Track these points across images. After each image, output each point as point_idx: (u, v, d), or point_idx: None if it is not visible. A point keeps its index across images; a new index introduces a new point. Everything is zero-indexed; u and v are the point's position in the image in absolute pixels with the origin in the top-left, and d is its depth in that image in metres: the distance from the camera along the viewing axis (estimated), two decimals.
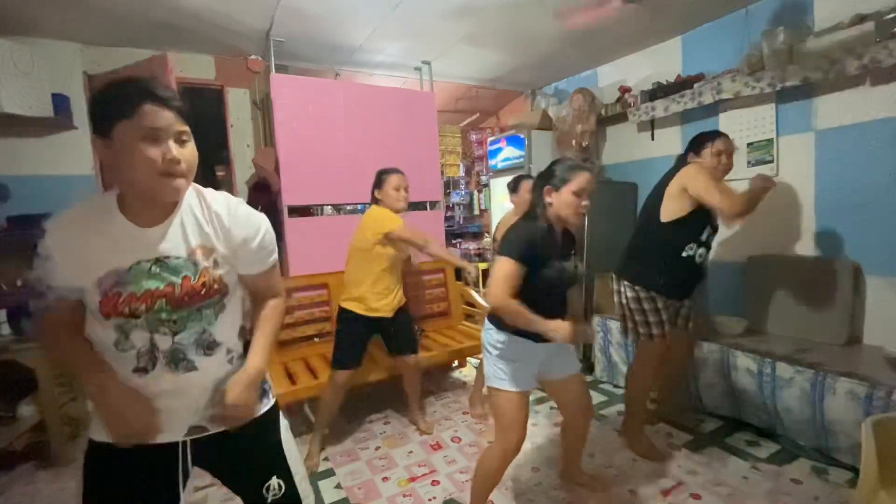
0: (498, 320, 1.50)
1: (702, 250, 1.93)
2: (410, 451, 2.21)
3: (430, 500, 1.84)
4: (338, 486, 1.95)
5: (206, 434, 0.96)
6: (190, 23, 2.44)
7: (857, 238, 2.16)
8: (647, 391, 2.10)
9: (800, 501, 1.71)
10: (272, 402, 1.06)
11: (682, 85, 2.73)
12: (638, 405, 2.11)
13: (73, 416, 2.49)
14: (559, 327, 1.35)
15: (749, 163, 2.54)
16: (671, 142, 2.97)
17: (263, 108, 3.14)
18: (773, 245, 2.45)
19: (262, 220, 0.98)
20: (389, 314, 2.17)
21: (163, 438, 0.92)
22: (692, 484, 1.85)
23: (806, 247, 2.35)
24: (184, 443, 0.95)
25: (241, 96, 3.12)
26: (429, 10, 2.43)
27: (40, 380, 2.12)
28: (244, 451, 1.00)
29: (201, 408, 0.94)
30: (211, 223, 0.91)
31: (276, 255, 1.03)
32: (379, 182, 2.17)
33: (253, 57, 2.95)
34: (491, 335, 1.51)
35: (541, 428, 2.36)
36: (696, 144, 1.98)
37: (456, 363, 3.26)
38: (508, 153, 3.74)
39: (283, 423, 1.08)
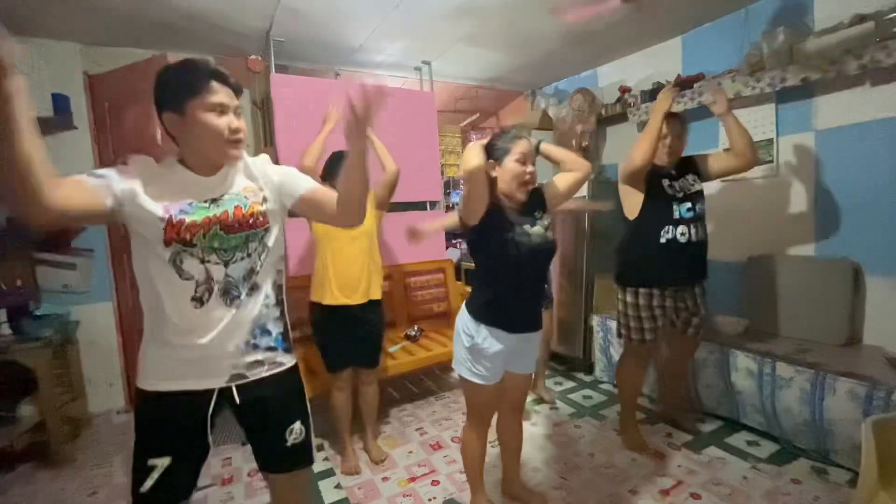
0: (473, 305, 1.49)
1: (682, 228, 1.90)
2: (410, 451, 2.21)
3: (430, 500, 1.84)
4: (338, 487, 1.95)
5: (244, 381, 1.04)
6: (190, 23, 2.44)
7: (857, 238, 2.16)
8: (635, 388, 2.13)
9: (800, 501, 1.71)
10: (295, 360, 1.17)
11: (682, 85, 2.72)
12: (627, 401, 2.14)
13: (73, 416, 2.50)
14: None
15: None
16: None
17: (263, 108, 3.14)
18: (773, 245, 2.45)
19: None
20: (352, 301, 1.94)
21: (206, 384, 1.02)
22: (692, 484, 1.85)
23: (806, 247, 2.34)
24: (224, 389, 1.03)
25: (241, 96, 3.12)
26: (429, 10, 2.43)
27: (40, 380, 2.12)
28: (276, 396, 1.09)
29: (242, 351, 1.03)
30: (253, 169, 1.07)
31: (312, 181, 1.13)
32: (332, 170, 1.94)
33: (253, 57, 2.95)
34: (465, 322, 1.50)
35: (541, 428, 2.37)
36: (641, 129, 2.03)
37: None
38: None
39: (301, 378, 1.19)
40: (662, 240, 1.90)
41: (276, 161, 2.97)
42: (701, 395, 2.35)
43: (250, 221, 1.02)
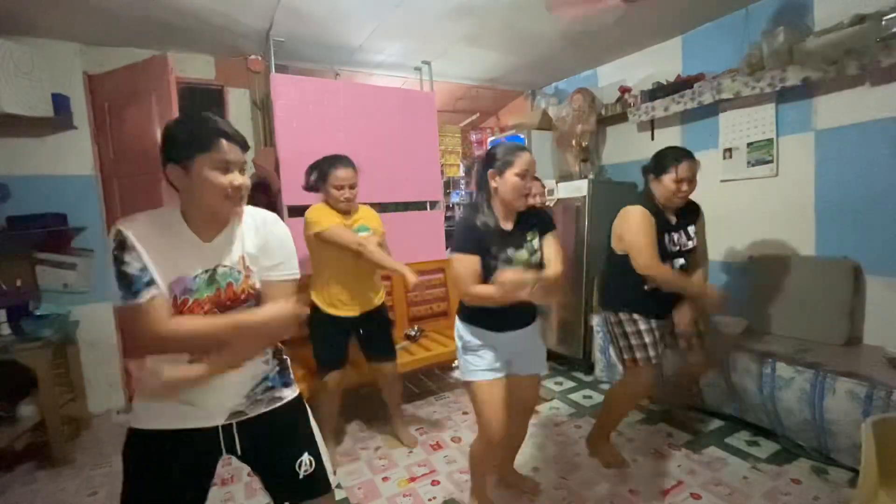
0: (463, 312, 1.54)
1: (681, 260, 1.86)
2: (410, 451, 2.21)
3: (430, 500, 1.84)
4: (338, 486, 1.95)
5: (244, 418, 1.05)
6: (190, 23, 2.44)
7: (857, 238, 2.16)
8: (623, 415, 2.04)
9: (800, 501, 1.71)
10: (297, 392, 1.17)
11: (682, 85, 2.73)
12: (609, 423, 2.03)
13: (73, 416, 2.50)
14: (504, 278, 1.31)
15: (749, 163, 2.55)
16: (671, 142, 2.94)
17: (263, 108, 3.14)
18: (774, 245, 2.45)
19: (287, 234, 1.11)
20: (354, 313, 2.01)
21: (205, 422, 1.02)
22: (692, 484, 1.85)
23: (806, 247, 2.34)
24: (225, 426, 1.04)
25: (241, 96, 3.12)
26: (429, 10, 2.43)
27: (40, 380, 2.12)
28: (279, 432, 1.10)
29: (241, 395, 1.05)
30: (249, 232, 1.05)
31: (296, 274, 1.11)
32: (322, 174, 1.96)
33: (253, 57, 2.95)
34: (457, 327, 1.55)
35: (541, 428, 2.36)
36: (659, 165, 1.83)
37: (456, 363, 3.26)
38: None
39: (305, 405, 1.19)
40: (646, 287, 1.83)
41: (276, 161, 2.97)
42: (703, 395, 2.35)
43: (241, 297, 1.03)
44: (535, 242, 1.49)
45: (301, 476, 1.09)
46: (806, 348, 2.07)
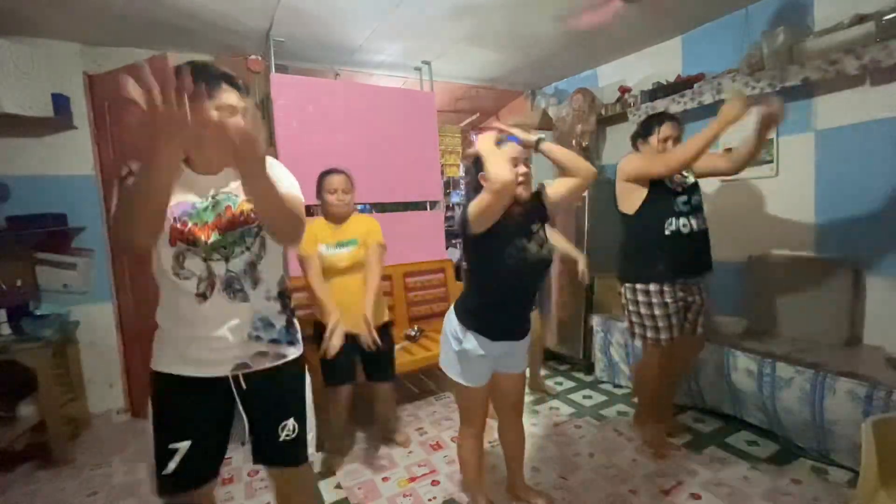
0: (465, 314, 1.50)
1: (684, 220, 1.91)
2: (410, 451, 2.21)
3: (430, 500, 1.84)
4: (338, 486, 1.95)
5: (248, 370, 1.09)
6: (190, 23, 2.44)
7: (857, 238, 2.15)
8: (656, 386, 2.09)
9: (800, 501, 1.71)
10: (301, 351, 1.21)
11: (682, 85, 2.72)
12: (647, 398, 2.17)
13: (73, 416, 2.50)
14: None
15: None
16: None
17: (263, 108, 3.14)
18: (773, 245, 2.45)
19: (283, 168, 1.14)
20: (353, 330, 1.88)
21: (213, 372, 1.07)
22: (692, 484, 1.85)
23: (806, 247, 2.34)
24: (233, 377, 1.09)
25: None
26: (429, 10, 2.43)
27: (40, 380, 2.12)
28: (276, 391, 1.14)
29: (246, 342, 1.08)
30: None
31: (301, 198, 1.11)
32: (318, 185, 2.02)
33: (253, 57, 2.95)
34: (453, 325, 1.52)
35: (541, 428, 2.37)
36: (644, 130, 1.99)
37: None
38: None
39: (307, 376, 1.23)
40: (667, 231, 1.90)
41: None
42: (704, 395, 2.35)
43: (241, 219, 1.06)
44: (542, 233, 1.48)
45: (280, 439, 1.14)
46: (806, 348, 2.07)
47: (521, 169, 1.39)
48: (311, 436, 1.21)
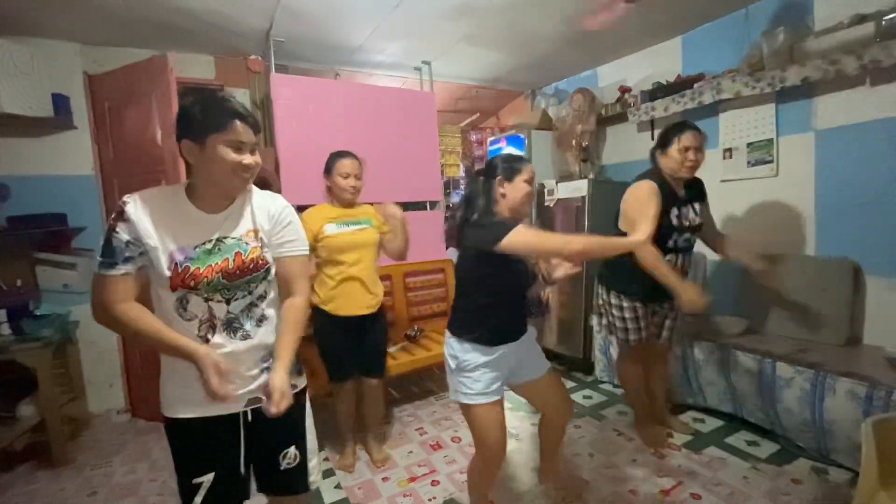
0: (454, 325, 1.49)
1: (671, 257, 1.90)
2: (410, 451, 2.21)
3: (430, 500, 1.84)
4: (338, 487, 1.95)
5: (259, 405, 1.08)
6: (190, 23, 2.44)
7: (857, 238, 2.16)
8: (638, 384, 2.15)
9: (800, 501, 1.71)
10: (304, 382, 1.22)
11: (682, 85, 2.72)
12: (634, 398, 2.21)
13: (73, 416, 2.50)
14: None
15: (749, 163, 2.54)
16: None
17: (263, 108, 3.14)
18: (774, 245, 2.45)
19: (294, 215, 1.16)
20: (352, 312, 1.93)
21: (226, 410, 1.07)
22: (692, 484, 1.85)
23: (806, 247, 2.34)
24: (244, 413, 1.09)
25: (241, 96, 3.12)
26: (429, 10, 2.43)
27: (40, 380, 2.12)
28: (279, 420, 1.10)
29: (254, 377, 1.08)
30: (258, 212, 1.09)
31: (305, 250, 1.17)
32: (327, 167, 1.98)
33: (253, 57, 2.95)
34: (450, 346, 1.48)
35: None
36: (663, 139, 1.92)
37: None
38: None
39: (307, 403, 1.23)
40: (634, 268, 1.83)
41: (276, 160, 2.96)
42: (705, 395, 2.35)
43: (250, 267, 1.06)
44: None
45: (282, 467, 1.14)
46: (806, 348, 2.07)
47: (531, 191, 1.48)
48: (313, 462, 1.21)
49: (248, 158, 1.01)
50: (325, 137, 2.80)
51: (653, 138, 3.07)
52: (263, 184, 3.30)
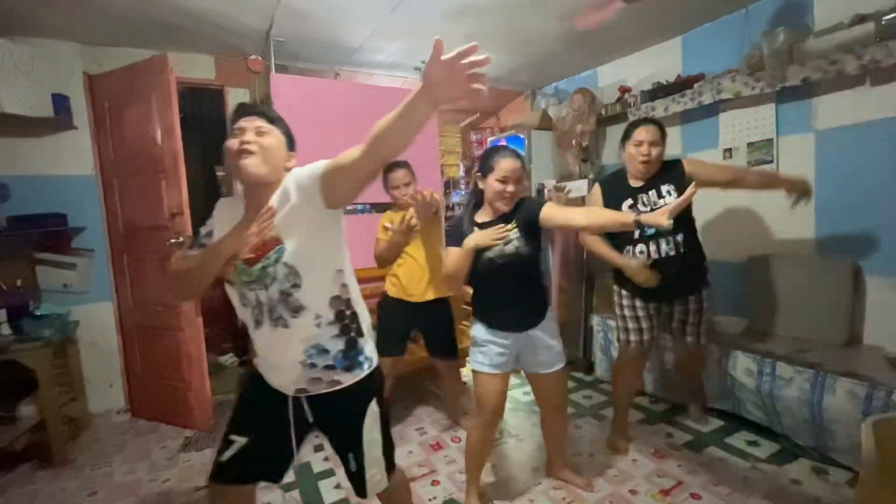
0: (473, 309, 1.70)
1: (641, 246, 1.86)
2: (410, 451, 2.21)
3: (430, 500, 1.84)
4: (337, 487, 1.95)
5: (308, 394, 1.14)
6: (190, 23, 2.44)
7: (857, 238, 2.15)
8: (626, 389, 2.10)
9: (800, 501, 1.71)
10: (365, 372, 1.16)
11: (682, 85, 2.72)
12: (617, 399, 2.16)
13: (73, 416, 2.50)
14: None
15: (749, 163, 2.54)
16: (671, 142, 2.94)
17: None
18: (773, 245, 2.45)
19: (318, 162, 1.11)
20: (417, 298, 2.16)
21: (281, 388, 1.14)
22: (692, 484, 1.85)
23: (806, 247, 2.34)
24: (294, 398, 1.15)
25: (241, 96, 3.11)
26: (429, 10, 2.43)
27: (40, 380, 2.12)
28: (338, 419, 1.17)
29: (302, 368, 1.10)
30: (292, 186, 1.07)
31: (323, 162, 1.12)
32: (383, 177, 2.14)
33: (253, 57, 2.95)
34: (472, 322, 1.70)
35: (541, 427, 2.36)
36: (624, 136, 1.99)
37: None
38: None
39: (373, 404, 1.17)
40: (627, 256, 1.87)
41: None
42: (704, 392, 2.35)
43: (262, 248, 1.06)
44: (522, 238, 1.55)
45: (352, 469, 1.19)
46: (806, 348, 2.07)
47: (510, 188, 1.52)
48: (371, 472, 1.17)
49: (245, 136, 1.05)
50: (325, 137, 2.79)
51: None
52: None
